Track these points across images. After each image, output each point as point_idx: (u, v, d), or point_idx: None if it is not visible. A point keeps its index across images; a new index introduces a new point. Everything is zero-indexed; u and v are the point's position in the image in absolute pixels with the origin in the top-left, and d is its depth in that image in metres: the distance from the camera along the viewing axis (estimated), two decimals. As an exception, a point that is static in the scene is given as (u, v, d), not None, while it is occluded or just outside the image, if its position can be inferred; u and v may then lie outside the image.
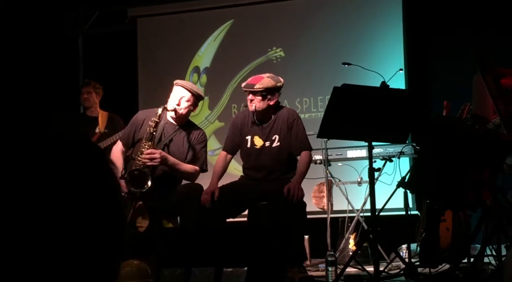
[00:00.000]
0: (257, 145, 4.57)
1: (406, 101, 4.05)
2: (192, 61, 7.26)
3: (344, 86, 3.89)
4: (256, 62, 7.00)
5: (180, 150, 4.48)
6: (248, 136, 4.59)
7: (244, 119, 4.63)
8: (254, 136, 4.57)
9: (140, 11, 7.46)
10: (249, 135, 4.58)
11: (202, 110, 7.11)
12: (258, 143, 4.57)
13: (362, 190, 5.39)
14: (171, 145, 4.48)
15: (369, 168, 4.07)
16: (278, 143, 4.53)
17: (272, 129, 4.55)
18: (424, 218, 4.59)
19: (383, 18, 6.67)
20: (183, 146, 4.50)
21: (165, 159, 4.33)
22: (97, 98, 5.92)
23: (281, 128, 4.53)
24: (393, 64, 6.04)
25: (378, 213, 4.22)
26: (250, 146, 4.57)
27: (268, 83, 4.44)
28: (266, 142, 4.54)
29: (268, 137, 4.54)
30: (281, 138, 4.53)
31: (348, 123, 3.96)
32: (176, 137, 4.51)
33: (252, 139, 4.57)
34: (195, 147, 4.52)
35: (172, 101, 4.44)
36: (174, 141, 4.50)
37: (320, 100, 6.70)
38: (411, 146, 5.42)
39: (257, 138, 4.57)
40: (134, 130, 4.52)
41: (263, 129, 4.56)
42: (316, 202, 5.55)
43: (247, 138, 4.59)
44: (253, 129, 4.58)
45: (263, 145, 4.55)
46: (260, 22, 7.08)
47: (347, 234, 5.44)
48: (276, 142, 4.53)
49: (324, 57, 6.74)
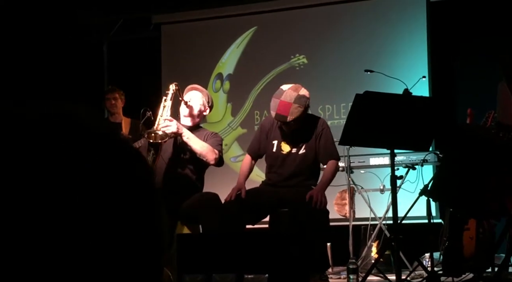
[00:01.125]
0: (284, 150, 4.56)
1: (429, 108, 4.02)
2: (215, 68, 7.29)
3: (366, 93, 3.88)
4: (279, 69, 7.00)
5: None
6: (275, 141, 4.59)
7: (273, 124, 4.63)
8: (281, 141, 4.57)
9: (164, 18, 7.51)
10: (276, 140, 4.58)
11: (225, 117, 7.13)
12: (285, 148, 4.57)
13: (385, 198, 5.36)
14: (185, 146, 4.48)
15: (391, 176, 4.05)
16: (304, 150, 4.53)
17: (300, 137, 4.54)
18: (448, 226, 4.55)
19: (407, 25, 6.63)
20: None
21: (179, 128, 4.27)
22: (121, 104, 5.98)
23: (309, 137, 4.54)
24: (417, 71, 6.01)
25: (400, 221, 4.20)
26: (276, 150, 4.57)
27: (298, 112, 4.38)
28: (293, 148, 4.55)
29: (295, 143, 4.54)
30: (308, 146, 4.53)
31: (370, 131, 3.94)
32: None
33: (279, 145, 4.57)
34: (211, 139, 4.49)
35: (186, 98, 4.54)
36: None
37: (343, 107, 6.68)
38: (434, 154, 5.38)
39: (284, 144, 4.57)
40: None
41: (291, 136, 4.55)
42: (338, 209, 5.53)
43: (274, 142, 4.59)
44: (281, 135, 4.58)
45: (290, 151, 4.55)
46: (283, 29, 7.08)
47: (369, 242, 5.41)
48: (302, 149, 4.54)
49: (347, 64, 6.72)
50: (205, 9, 7.32)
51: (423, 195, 4.19)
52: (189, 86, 4.68)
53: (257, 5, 7.16)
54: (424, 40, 6.54)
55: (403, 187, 5.21)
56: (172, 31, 7.52)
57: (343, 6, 6.91)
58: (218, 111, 7.11)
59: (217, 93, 7.15)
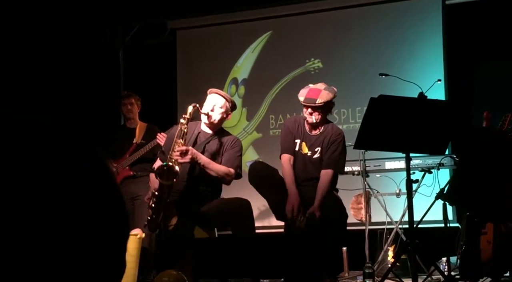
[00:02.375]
0: (303, 151, 4.62)
1: (444, 112, 4.00)
2: (231, 72, 7.30)
3: (381, 97, 3.87)
4: (294, 74, 7.00)
5: (214, 156, 4.49)
6: (297, 140, 4.64)
7: (295, 123, 4.69)
8: (302, 142, 4.62)
9: (180, 23, 7.54)
10: (298, 139, 4.63)
11: (240, 122, 7.14)
12: (304, 149, 4.63)
13: (401, 202, 5.33)
14: (205, 152, 4.49)
15: (407, 180, 4.03)
16: (319, 155, 4.57)
17: (317, 141, 4.61)
18: (464, 230, 4.51)
19: (422, 28, 6.60)
20: (217, 152, 4.51)
21: (195, 156, 4.32)
22: (137, 110, 6.00)
23: (324, 143, 4.58)
24: (432, 75, 5.98)
25: (417, 225, 4.18)
26: (298, 149, 4.61)
27: (328, 96, 4.47)
28: (309, 151, 4.59)
29: (312, 147, 4.60)
30: (322, 151, 4.58)
31: (385, 134, 3.93)
32: (209, 145, 4.52)
33: (300, 144, 4.62)
34: (229, 151, 4.52)
35: (206, 108, 4.47)
36: (208, 148, 4.51)
37: (358, 111, 6.66)
38: (450, 157, 5.35)
39: (304, 145, 4.63)
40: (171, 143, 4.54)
41: (310, 138, 4.62)
42: (354, 213, 5.51)
43: (297, 141, 4.64)
44: (302, 135, 4.64)
45: (307, 153, 4.60)
46: (298, 33, 7.08)
47: (385, 246, 5.38)
48: (317, 154, 4.58)
49: (363, 68, 6.71)
50: (220, 14, 7.34)
51: (440, 199, 4.17)
52: (211, 90, 4.60)
53: (272, 10, 7.16)
54: (440, 43, 6.50)
55: (419, 190, 5.19)
56: (187, 36, 7.55)
57: (358, 10, 6.90)
58: (233, 116, 7.09)
59: (232, 97, 7.16)
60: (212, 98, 4.52)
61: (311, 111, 4.47)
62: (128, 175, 5.70)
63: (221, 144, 4.52)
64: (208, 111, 4.45)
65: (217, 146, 4.51)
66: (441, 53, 6.47)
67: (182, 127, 4.35)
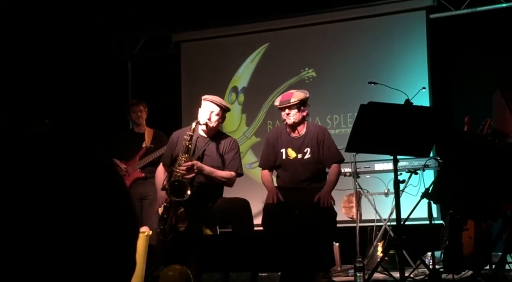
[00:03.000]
0: (291, 156, 4.61)
1: (429, 117, 4.01)
2: (231, 81, 7.31)
3: (370, 104, 3.88)
4: (290, 82, 7.01)
5: (214, 160, 4.50)
6: (282, 149, 4.63)
7: (276, 134, 4.68)
8: (287, 148, 4.61)
9: (184, 36, 7.55)
10: (283, 148, 4.62)
11: (240, 127, 7.15)
12: (291, 154, 4.62)
13: (389, 201, 5.34)
14: (205, 157, 4.50)
15: (395, 180, 4.04)
16: (310, 155, 4.58)
17: (303, 143, 4.60)
18: (448, 227, 4.53)
19: (408, 40, 6.62)
20: (217, 155, 4.52)
21: (200, 169, 4.35)
22: (145, 116, 6.02)
23: (312, 142, 4.58)
24: (417, 83, 5.98)
25: (403, 222, 4.19)
26: (285, 157, 4.60)
27: (300, 95, 4.52)
28: (298, 154, 4.59)
29: (300, 149, 4.59)
30: (312, 151, 4.58)
31: (374, 138, 3.94)
32: (208, 149, 4.53)
33: (286, 151, 4.61)
34: (228, 153, 4.53)
35: (203, 116, 4.46)
36: (207, 152, 4.52)
37: (350, 116, 6.67)
38: (434, 159, 5.37)
39: (290, 150, 4.62)
40: (171, 150, 4.58)
41: (295, 142, 4.60)
42: (346, 211, 5.52)
43: (282, 151, 4.63)
44: (286, 142, 4.62)
45: (296, 157, 4.59)
46: (294, 45, 7.09)
47: (375, 242, 5.39)
48: (307, 154, 4.58)
49: (353, 77, 6.72)
50: (221, 27, 7.35)
51: (425, 198, 4.17)
52: (206, 97, 4.59)
53: (269, 23, 7.17)
54: (424, 53, 6.52)
55: (406, 190, 5.22)
56: (190, 48, 7.55)
57: (349, 24, 6.91)
58: (234, 122, 7.14)
59: (232, 104, 7.18)
60: (207, 106, 4.50)
61: (288, 112, 4.50)
62: (139, 176, 5.74)
63: (219, 146, 4.53)
64: (206, 120, 4.44)
65: (216, 149, 4.53)
66: (426, 62, 6.49)
67: (186, 143, 4.35)
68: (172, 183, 4.30)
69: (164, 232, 4.32)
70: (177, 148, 4.51)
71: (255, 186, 4.67)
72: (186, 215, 4.37)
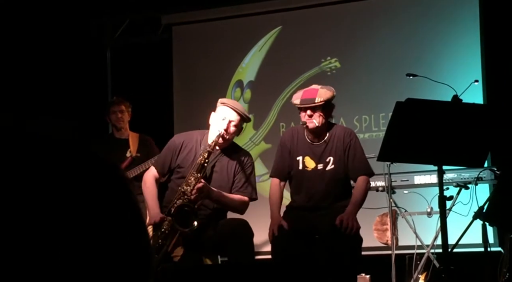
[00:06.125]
0: (309, 166, 4.55)
1: (483, 117, 3.99)
2: (235, 74, 7.32)
3: (409, 101, 3.86)
4: (308, 75, 7.00)
5: (224, 179, 4.48)
6: (299, 157, 4.58)
7: (293, 138, 4.63)
8: (305, 156, 4.56)
9: (176, 18, 7.57)
10: (300, 156, 4.58)
11: (246, 130, 7.13)
12: (309, 164, 4.56)
13: (433, 222, 5.31)
14: (214, 173, 4.47)
15: (440, 196, 4.01)
16: (333, 166, 4.52)
17: (326, 150, 4.53)
18: (508, 255, 4.49)
19: (456, 22, 6.60)
20: (228, 173, 4.49)
21: (208, 193, 4.34)
22: (128, 118, 6.01)
23: (337, 149, 4.53)
24: (468, 75, 5.97)
25: (451, 249, 4.18)
26: (302, 167, 4.56)
27: (327, 94, 4.47)
28: (319, 164, 4.53)
29: (321, 158, 4.53)
30: (336, 160, 4.51)
31: (414, 144, 3.93)
32: (219, 164, 4.49)
33: (303, 160, 4.56)
34: (241, 173, 4.52)
35: (220, 125, 4.40)
36: (217, 168, 4.49)
37: (382, 117, 6.65)
38: (490, 170, 5.35)
39: (308, 159, 4.55)
40: (171, 157, 4.53)
41: (315, 149, 4.54)
42: (379, 235, 5.50)
43: (298, 159, 4.58)
44: (304, 149, 4.57)
45: (315, 168, 4.53)
46: (312, 28, 7.09)
47: (415, 274, 5.38)
48: (330, 165, 4.52)
49: (386, 68, 6.71)
50: (222, 7, 7.36)
51: (478, 219, 4.15)
52: (225, 102, 4.51)
53: (282, 2, 7.20)
54: (477, 39, 6.50)
55: (454, 209, 5.21)
56: (185, 33, 7.58)
57: (381, 1, 6.91)
58: (238, 124, 7.13)
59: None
60: (226, 113, 4.42)
61: (310, 113, 4.44)
62: None
63: (231, 163, 4.50)
64: (223, 131, 4.38)
65: (227, 166, 4.50)
66: (479, 50, 6.47)
67: (202, 161, 4.31)
68: (181, 208, 4.27)
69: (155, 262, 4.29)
70: (180, 158, 4.48)
71: (266, 202, 4.65)
72: (182, 241, 4.36)
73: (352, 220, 4.30)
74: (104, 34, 7.91)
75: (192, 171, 4.32)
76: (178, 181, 4.45)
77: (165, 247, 4.32)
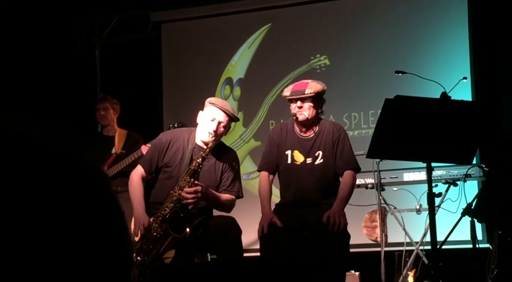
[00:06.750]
0: (297, 160, 4.55)
1: (472, 114, 4.00)
2: (224, 72, 7.31)
3: (398, 98, 3.86)
4: (297, 72, 7.01)
5: (212, 178, 4.47)
6: (287, 151, 4.57)
7: (282, 132, 4.63)
8: (294, 150, 4.55)
9: (165, 15, 7.56)
10: (289, 150, 4.57)
11: (236, 128, 7.13)
12: (298, 158, 4.55)
13: (422, 219, 5.33)
14: (202, 172, 4.46)
15: (429, 193, 4.02)
16: (322, 160, 4.50)
17: (315, 144, 4.53)
18: (496, 251, 4.51)
19: (444, 19, 6.62)
20: (216, 172, 4.48)
21: (205, 194, 4.33)
22: (114, 115, 5.99)
23: (326, 144, 4.52)
24: (456, 72, 5.99)
25: (440, 246, 4.18)
26: (291, 161, 4.55)
27: (317, 87, 4.48)
28: (307, 158, 4.52)
29: (310, 152, 4.52)
30: (325, 154, 4.50)
31: (403, 141, 3.93)
32: (206, 163, 4.47)
33: (292, 154, 4.56)
34: (228, 172, 4.51)
35: (209, 126, 4.38)
36: (205, 167, 4.47)
37: (372, 115, 6.66)
38: (478, 167, 5.36)
39: (297, 153, 4.55)
40: (158, 155, 4.51)
41: (304, 143, 4.54)
42: (368, 233, 5.51)
43: (287, 153, 4.58)
44: (293, 143, 4.57)
45: (304, 162, 4.52)
46: (302, 26, 7.10)
47: (404, 270, 5.38)
48: (319, 159, 4.51)
49: (375, 66, 6.72)
50: (212, 4, 7.35)
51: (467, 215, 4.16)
52: (213, 102, 4.48)
53: (271, -1, 7.19)
54: (466, 36, 6.53)
55: (443, 206, 5.22)
56: (173, 30, 7.57)
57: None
58: (228, 122, 7.13)
59: (226, 100, 7.16)
60: (214, 114, 4.39)
61: (300, 105, 4.44)
62: None
63: (218, 162, 4.49)
64: (212, 132, 4.35)
65: (215, 165, 4.49)
66: (467, 47, 6.49)
67: (196, 167, 4.31)
68: (176, 214, 4.27)
69: (144, 264, 4.28)
70: (167, 156, 4.45)
71: (255, 200, 4.64)
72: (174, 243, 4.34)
73: (339, 216, 4.27)
74: (93, 33, 7.89)
75: (185, 176, 4.31)
76: (165, 182, 4.43)
77: (155, 250, 4.31)
